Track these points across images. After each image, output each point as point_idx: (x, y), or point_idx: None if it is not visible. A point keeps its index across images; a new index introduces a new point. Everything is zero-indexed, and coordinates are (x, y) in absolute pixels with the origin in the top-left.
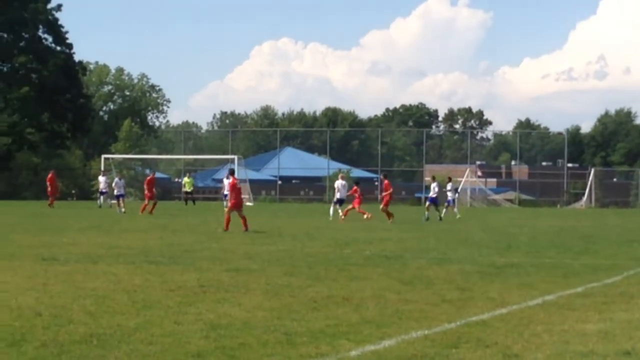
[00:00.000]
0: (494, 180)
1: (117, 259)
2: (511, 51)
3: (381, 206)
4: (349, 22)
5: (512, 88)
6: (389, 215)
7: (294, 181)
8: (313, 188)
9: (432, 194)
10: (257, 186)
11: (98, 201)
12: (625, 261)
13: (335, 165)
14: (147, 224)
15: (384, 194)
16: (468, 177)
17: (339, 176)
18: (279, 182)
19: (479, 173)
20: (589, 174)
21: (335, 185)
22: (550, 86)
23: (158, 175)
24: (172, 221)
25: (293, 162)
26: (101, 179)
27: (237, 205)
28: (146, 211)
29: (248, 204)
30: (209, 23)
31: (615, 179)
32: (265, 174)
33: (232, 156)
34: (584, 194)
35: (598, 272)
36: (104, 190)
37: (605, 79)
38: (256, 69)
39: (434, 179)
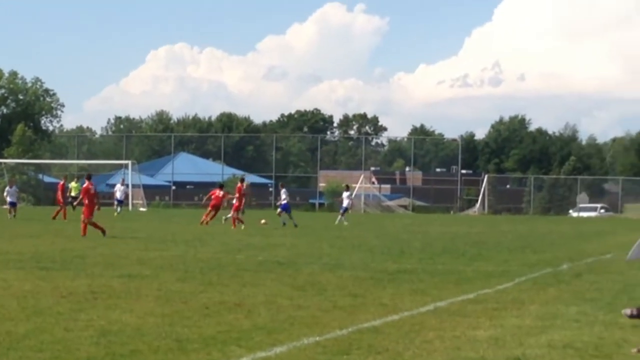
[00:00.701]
0: (388, 186)
1: (7, 265)
2: (407, 57)
3: (232, 213)
4: (245, 27)
5: (407, 94)
6: (239, 221)
7: (188, 187)
8: (207, 193)
9: (283, 201)
10: (151, 191)
11: None
12: (517, 267)
13: (230, 171)
14: (39, 229)
15: (235, 196)
16: (362, 183)
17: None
18: (173, 187)
19: (373, 179)
20: (483, 180)
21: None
22: (445, 92)
23: (51, 180)
24: (64, 226)
25: (187, 167)
26: None
27: (90, 211)
28: (61, 216)
29: (142, 209)
30: (104, 27)
31: (508, 186)
32: (160, 179)
33: (126, 161)
34: (477, 200)
35: (490, 279)
36: None
37: (500, 86)
38: (152, 74)
39: (282, 186)
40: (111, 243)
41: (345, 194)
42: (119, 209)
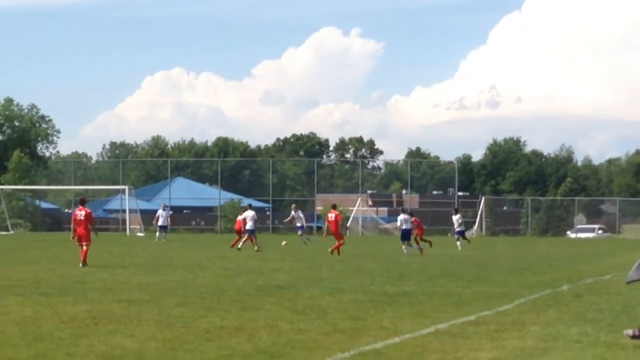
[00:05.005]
0: (385, 209)
1: (7, 291)
2: (403, 80)
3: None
4: (241, 52)
5: (404, 117)
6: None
7: (185, 211)
8: (204, 218)
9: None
10: (148, 216)
11: None
12: (516, 289)
13: (227, 196)
14: (37, 255)
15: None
16: (359, 207)
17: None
18: (170, 212)
19: (370, 202)
20: (480, 202)
21: (245, 215)
22: (442, 115)
23: (48, 206)
24: (62, 252)
25: (184, 192)
26: None
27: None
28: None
29: (139, 234)
30: (100, 52)
31: (505, 207)
32: (156, 204)
33: (122, 186)
34: (474, 222)
35: (490, 300)
36: None
37: (497, 108)
38: (148, 99)
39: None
40: (110, 268)
41: (455, 217)
42: (163, 235)
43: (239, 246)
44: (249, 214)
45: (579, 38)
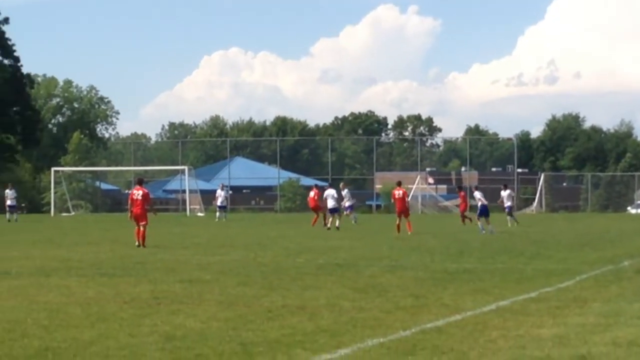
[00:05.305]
0: (445, 186)
1: (69, 272)
2: (460, 57)
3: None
4: (298, 31)
5: (462, 94)
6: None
7: (244, 191)
8: (264, 197)
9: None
10: (208, 196)
11: (7, 215)
12: (577, 265)
13: (286, 175)
14: (98, 236)
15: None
16: (418, 184)
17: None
18: (230, 192)
19: (430, 180)
20: (539, 179)
21: (326, 194)
22: (500, 91)
23: (108, 187)
24: (123, 233)
25: (243, 171)
26: (8, 192)
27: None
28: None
29: (200, 214)
30: (158, 33)
31: (564, 184)
32: (216, 184)
33: (182, 167)
34: (534, 199)
35: (551, 277)
36: (11, 204)
37: (556, 84)
38: (206, 79)
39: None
40: (171, 249)
41: (504, 193)
42: (223, 214)
43: (337, 226)
44: (330, 192)
45: (637, 11)
